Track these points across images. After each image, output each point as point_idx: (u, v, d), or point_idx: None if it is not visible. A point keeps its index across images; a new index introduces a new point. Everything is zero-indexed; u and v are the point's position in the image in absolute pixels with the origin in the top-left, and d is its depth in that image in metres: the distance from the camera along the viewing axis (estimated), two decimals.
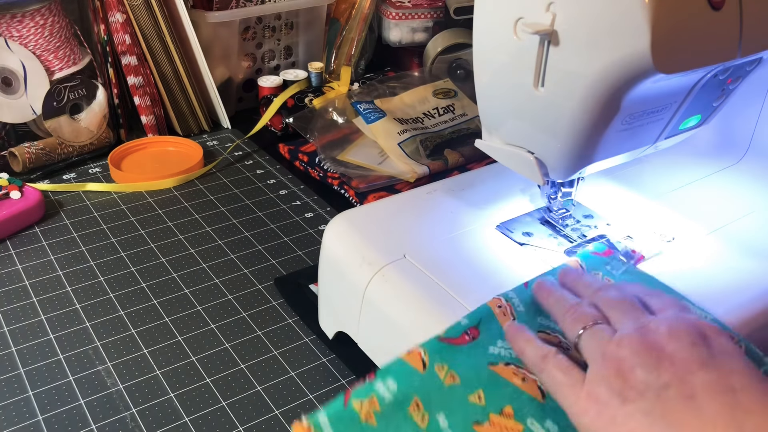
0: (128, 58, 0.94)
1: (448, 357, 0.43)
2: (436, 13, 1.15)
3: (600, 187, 0.65)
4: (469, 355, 0.43)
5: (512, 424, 0.39)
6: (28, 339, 0.63)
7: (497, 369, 0.42)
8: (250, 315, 0.67)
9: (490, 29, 0.50)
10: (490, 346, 0.44)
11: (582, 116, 0.46)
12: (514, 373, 0.42)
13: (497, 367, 0.42)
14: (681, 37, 0.41)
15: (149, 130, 0.98)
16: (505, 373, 0.42)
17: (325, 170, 0.87)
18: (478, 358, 0.43)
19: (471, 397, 0.41)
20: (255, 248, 0.77)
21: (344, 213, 0.61)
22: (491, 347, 0.44)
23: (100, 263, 0.73)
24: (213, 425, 0.55)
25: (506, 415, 0.40)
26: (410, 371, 0.42)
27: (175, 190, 0.88)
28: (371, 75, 1.10)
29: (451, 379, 0.42)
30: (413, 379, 0.42)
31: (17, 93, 0.86)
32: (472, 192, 0.63)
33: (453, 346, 0.44)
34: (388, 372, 0.42)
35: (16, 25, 0.86)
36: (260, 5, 1.03)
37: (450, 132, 0.93)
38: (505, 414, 0.40)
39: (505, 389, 0.41)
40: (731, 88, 0.53)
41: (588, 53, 0.44)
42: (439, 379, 0.42)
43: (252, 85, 1.10)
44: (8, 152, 0.87)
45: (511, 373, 0.42)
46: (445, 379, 0.42)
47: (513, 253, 0.56)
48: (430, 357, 0.43)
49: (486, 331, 0.45)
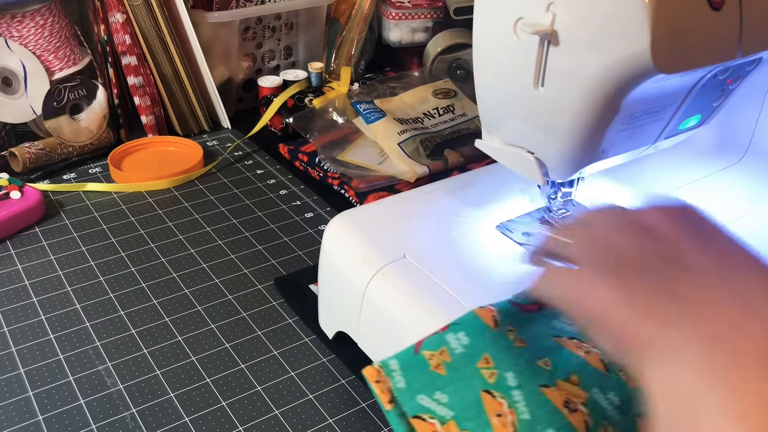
0: (128, 58, 0.94)
1: (517, 322, 0.43)
2: (436, 13, 1.15)
3: (600, 187, 0.65)
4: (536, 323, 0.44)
5: (577, 391, 0.40)
6: (28, 339, 0.63)
7: (562, 341, 0.43)
8: (250, 315, 0.67)
9: (490, 29, 0.50)
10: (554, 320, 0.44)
11: (582, 116, 0.46)
12: (578, 347, 0.42)
13: (561, 340, 0.43)
14: (681, 37, 0.41)
15: (149, 130, 0.98)
16: (569, 346, 0.42)
17: (325, 170, 0.87)
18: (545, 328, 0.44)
19: (539, 362, 0.41)
20: (255, 248, 0.77)
21: (344, 213, 0.61)
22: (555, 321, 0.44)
23: (100, 263, 0.73)
24: (213, 425, 0.55)
25: (572, 382, 0.40)
26: (482, 326, 0.42)
27: (175, 190, 0.88)
28: (371, 75, 1.10)
29: (520, 342, 0.42)
30: (485, 335, 0.42)
31: (17, 93, 0.86)
32: (472, 192, 0.63)
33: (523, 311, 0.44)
34: (460, 325, 0.42)
35: (16, 25, 0.86)
36: (260, 5, 1.03)
37: (450, 132, 0.93)
38: (572, 381, 0.40)
39: (570, 359, 0.42)
40: (731, 88, 0.53)
41: (588, 53, 0.44)
42: (509, 340, 0.42)
43: (252, 85, 1.10)
44: (8, 152, 0.87)
45: (574, 346, 0.42)
46: (515, 341, 0.42)
47: (513, 253, 0.56)
48: (502, 318, 0.43)
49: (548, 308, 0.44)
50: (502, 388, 0.40)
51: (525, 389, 0.40)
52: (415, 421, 0.39)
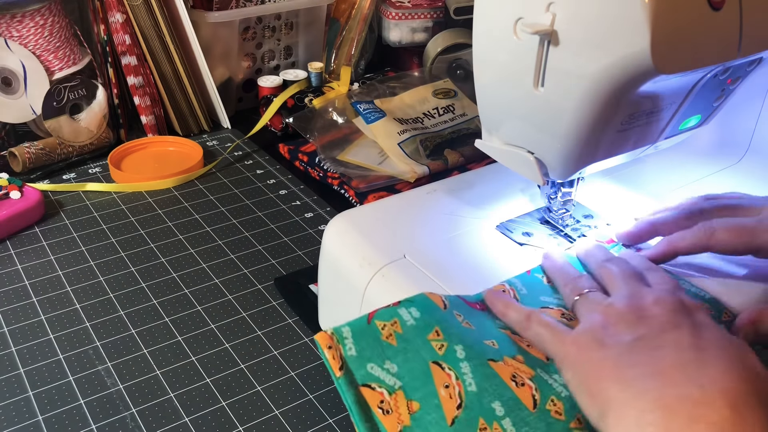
0: (128, 58, 0.94)
1: (464, 311, 0.45)
2: (436, 13, 1.15)
3: (600, 187, 0.65)
4: (482, 317, 0.46)
5: (524, 367, 0.41)
6: (28, 339, 0.63)
7: (506, 333, 0.45)
8: (250, 315, 0.67)
9: (490, 29, 0.50)
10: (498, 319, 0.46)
11: (582, 116, 0.46)
12: (520, 341, 0.44)
13: (506, 332, 0.45)
14: (681, 37, 0.41)
15: (149, 130, 0.98)
16: (513, 338, 0.44)
17: (325, 170, 0.87)
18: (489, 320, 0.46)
19: (486, 342, 0.43)
20: (255, 248, 0.77)
21: (344, 213, 0.61)
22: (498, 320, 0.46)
23: (100, 263, 0.73)
24: (213, 425, 0.55)
25: (518, 360, 0.42)
26: (433, 306, 0.44)
27: (175, 190, 0.88)
28: (371, 75, 1.10)
29: (467, 324, 0.44)
30: (435, 312, 0.43)
31: (17, 93, 0.86)
32: (472, 192, 0.63)
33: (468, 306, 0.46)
34: (412, 302, 0.44)
35: (16, 25, 0.86)
36: (260, 5, 1.03)
37: (450, 132, 0.93)
38: (518, 360, 0.42)
39: (515, 345, 0.43)
40: (731, 88, 0.53)
41: (588, 53, 0.44)
42: (458, 321, 0.44)
43: (252, 85, 1.10)
44: (8, 152, 0.87)
45: (518, 339, 0.44)
46: (462, 323, 0.44)
47: (513, 253, 0.56)
48: (450, 304, 0.45)
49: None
50: (450, 360, 0.41)
51: (473, 362, 0.41)
52: (364, 390, 0.40)
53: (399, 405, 0.39)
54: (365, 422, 0.39)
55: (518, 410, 0.39)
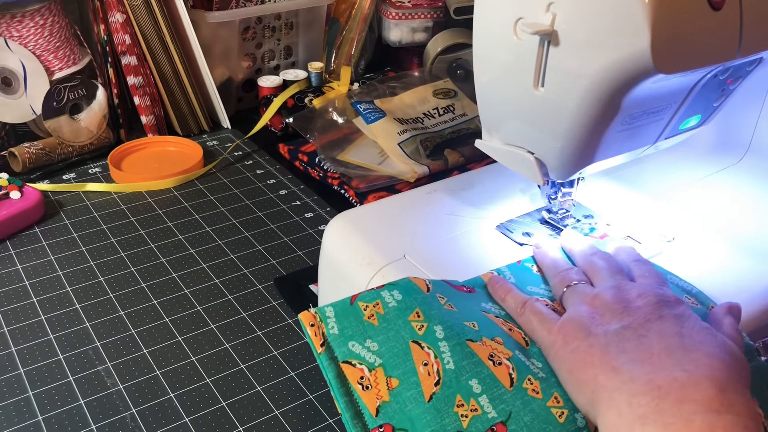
0: (128, 58, 0.94)
1: (448, 294, 0.46)
2: (436, 13, 1.15)
3: (600, 187, 0.65)
4: (466, 299, 0.47)
5: (503, 348, 0.43)
6: (28, 339, 0.63)
7: (489, 316, 0.46)
8: (250, 315, 0.67)
9: (490, 29, 0.50)
10: (482, 303, 0.48)
11: (582, 116, 0.46)
12: (502, 324, 0.46)
13: (489, 315, 0.46)
14: (681, 37, 0.41)
15: (149, 130, 0.98)
16: (495, 321, 0.46)
17: (325, 170, 0.87)
18: (473, 303, 0.47)
19: (467, 323, 0.44)
20: (255, 248, 0.77)
21: (344, 213, 0.61)
22: (483, 303, 0.48)
23: (100, 263, 0.73)
24: (213, 425, 0.55)
25: (497, 341, 0.43)
26: (415, 289, 0.45)
27: (175, 190, 0.88)
28: (371, 75, 1.10)
29: (449, 307, 0.45)
30: (417, 295, 0.45)
31: (17, 93, 0.86)
32: (472, 192, 0.63)
33: (454, 289, 0.48)
34: (395, 285, 0.45)
35: (16, 25, 0.86)
36: (260, 5, 1.03)
37: (450, 132, 0.93)
38: (497, 341, 0.43)
39: (495, 327, 0.45)
40: (731, 88, 0.53)
41: (588, 53, 0.44)
42: (440, 303, 0.45)
43: (252, 85, 1.10)
44: (8, 152, 0.87)
45: (500, 322, 0.46)
46: (444, 305, 0.45)
47: (513, 253, 0.56)
48: (434, 287, 0.46)
49: (479, 292, 0.49)
50: (430, 340, 0.42)
51: (452, 341, 0.42)
52: (345, 366, 0.41)
53: (379, 381, 0.41)
54: (344, 396, 0.40)
55: (495, 388, 0.40)
